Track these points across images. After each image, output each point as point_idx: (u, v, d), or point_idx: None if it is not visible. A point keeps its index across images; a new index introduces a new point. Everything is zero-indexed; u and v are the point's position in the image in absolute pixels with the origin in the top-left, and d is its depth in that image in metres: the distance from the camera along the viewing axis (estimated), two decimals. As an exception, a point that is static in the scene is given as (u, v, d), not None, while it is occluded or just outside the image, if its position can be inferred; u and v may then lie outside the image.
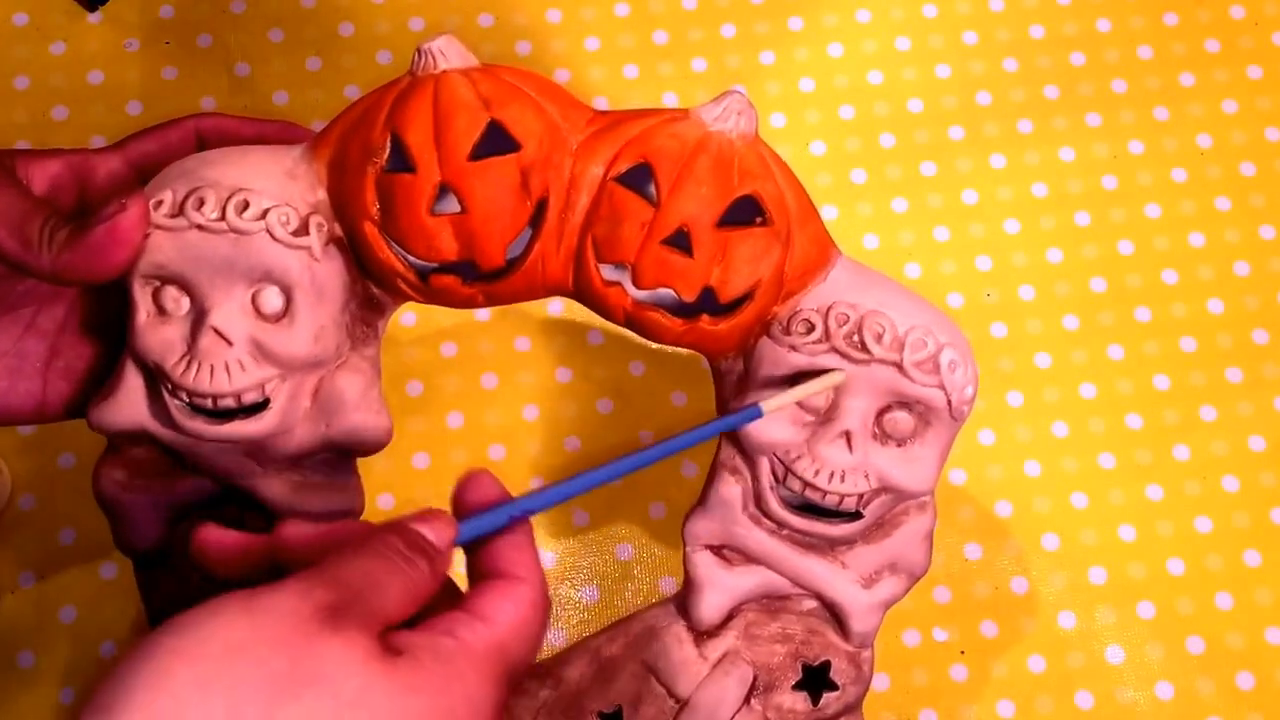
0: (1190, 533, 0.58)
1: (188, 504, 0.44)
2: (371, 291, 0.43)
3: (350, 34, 0.64)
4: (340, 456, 0.44)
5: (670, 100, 0.63)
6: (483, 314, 0.60)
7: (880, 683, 0.56)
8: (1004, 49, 0.65)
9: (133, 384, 0.43)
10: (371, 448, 0.44)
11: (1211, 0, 0.65)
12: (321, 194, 0.42)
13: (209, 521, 0.36)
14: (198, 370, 0.41)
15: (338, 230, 0.42)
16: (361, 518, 0.46)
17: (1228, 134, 0.63)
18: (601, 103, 0.63)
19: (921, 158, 0.63)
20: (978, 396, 0.59)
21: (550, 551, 0.57)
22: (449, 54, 0.41)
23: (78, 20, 0.64)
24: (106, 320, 0.44)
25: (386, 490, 0.58)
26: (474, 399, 0.59)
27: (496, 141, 0.40)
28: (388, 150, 0.40)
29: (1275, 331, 0.60)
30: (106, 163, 0.43)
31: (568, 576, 0.57)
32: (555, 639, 0.56)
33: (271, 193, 0.41)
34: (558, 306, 0.60)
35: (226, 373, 0.41)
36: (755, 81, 0.64)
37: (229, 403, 0.42)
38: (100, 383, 0.44)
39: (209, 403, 0.42)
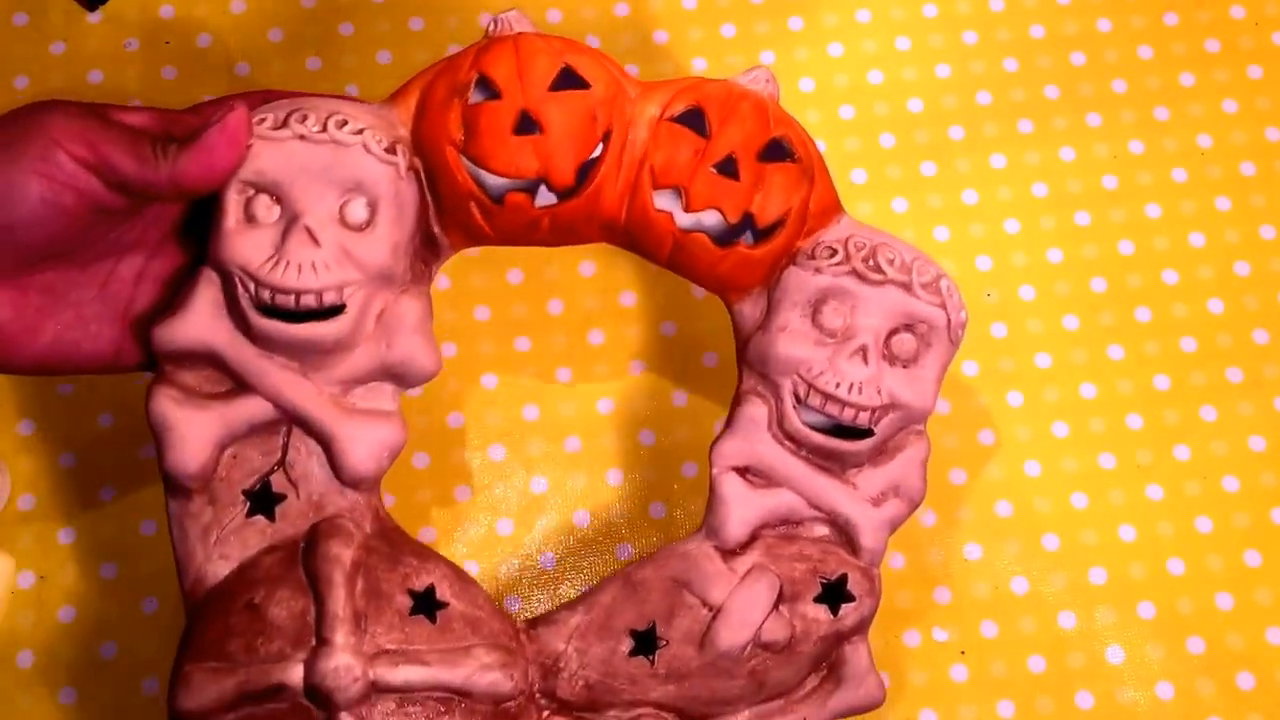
0: (1190, 533, 0.58)
1: (237, 432, 0.46)
2: (433, 232, 0.48)
3: (350, 34, 0.64)
4: (388, 385, 0.47)
5: (670, 100, 0.63)
6: (482, 314, 0.60)
7: (880, 683, 0.56)
8: (1004, 49, 0.65)
9: (203, 301, 0.46)
10: (419, 378, 0.47)
11: (1211, 0, 0.65)
12: (403, 132, 0.47)
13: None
14: (286, 267, 0.45)
15: (416, 163, 0.47)
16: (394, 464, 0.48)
17: (1228, 134, 0.63)
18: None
19: (921, 158, 0.63)
20: (977, 396, 0.60)
21: (550, 551, 0.57)
22: (517, 23, 0.48)
23: (78, 20, 0.64)
24: (182, 267, 0.48)
25: (387, 490, 0.58)
26: (474, 399, 0.59)
27: (570, 81, 0.47)
28: (473, 86, 0.46)
29: (1275, 331, 0.60)
30: (188, 119, 0.46)
31: (568, 576, 0.57)
32: (555, 639, 0.56)
33: (365, 119, 0.46)
34: (558, 306, 0.60)
35: (314, 270, 0.45)
36: (755, 81, 0.64)
37: (310, 300, 0.45)
38: None
39: (292, 300, 0.45)
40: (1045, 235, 0.62)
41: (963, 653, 0.56)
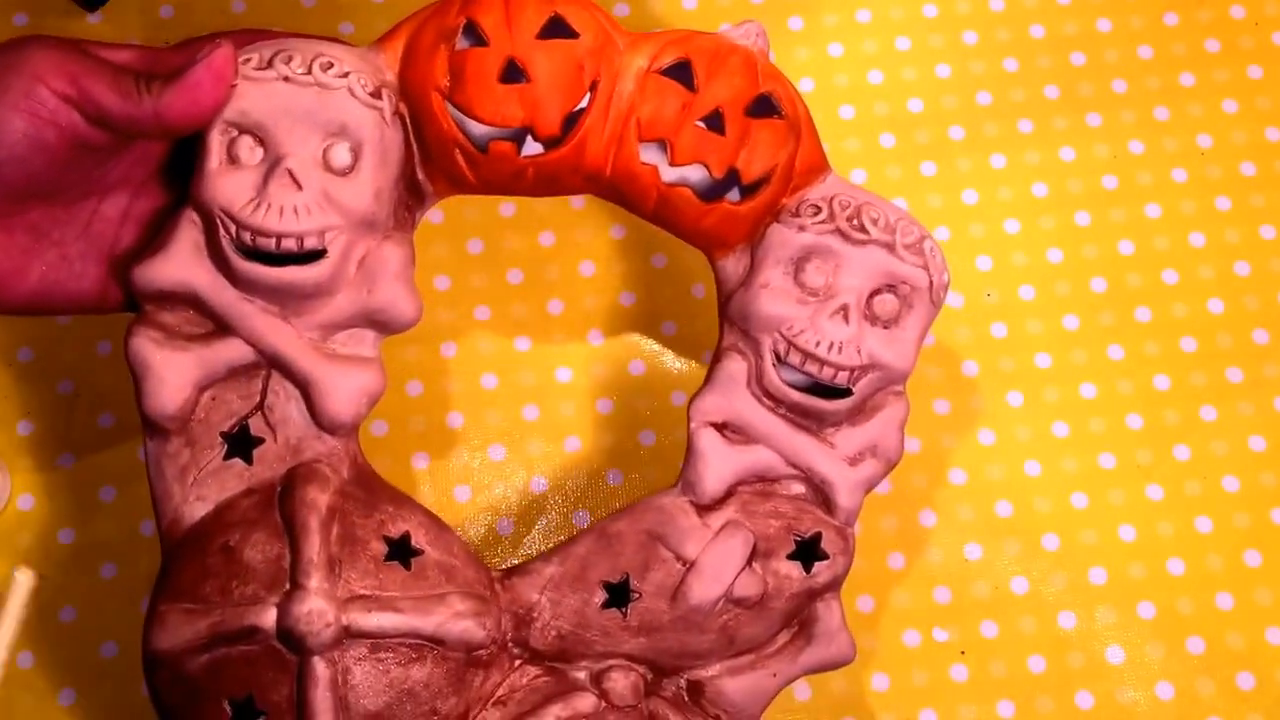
0: (1190, 533, 0.58)
1: (217, 374, 0.46)
2: (417, 178, 0.48)
3: (350, 34, 0.64)
4: (369, 332, 0.47)
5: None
6: (482, 314, 0.60)
7: (880, 683, 0.56)
8: (1004, 49, 0.65)
9: (184, 241, 0.46)
10: (400, 324, 0.47)
11: (1211, 0, 0.65)
12: (390, 76, 0.47)
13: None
14: (267, 210, 0.45)
15: (402, 108, 0.47)
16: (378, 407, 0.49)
17: (1228, 134, 0.63)
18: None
19: (921, 158, 0.63)
20: (977, 396, 0.60)
21: (550, 551, 0.57)
22: None
23: (78, 20, 0.64)
24: (165, 207, 0.47)
25: (386, 490, 0.58)
26: (474, 399, 0.59)
27: (558, 30, 0.46)
28: (461, 32, 0.46)
29: (1275, 331, 0.60)
30: (172, 57, 0.45)
31: (568, 576, 0.57)
32: (555, 639, 0.56)
33: (351, 62, 0.46)
34: (558, 306, 0.60)
35: (295, 214, 0.45)
36: (755, 81, 0.64)
37: (291, 244, 0.45)
38: None
39: (273, 243, 0.45)
40: (1045, 235, 0.62)
41: (963, 653, 0.56)
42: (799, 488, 0.48)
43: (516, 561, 0.57)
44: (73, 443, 0.58)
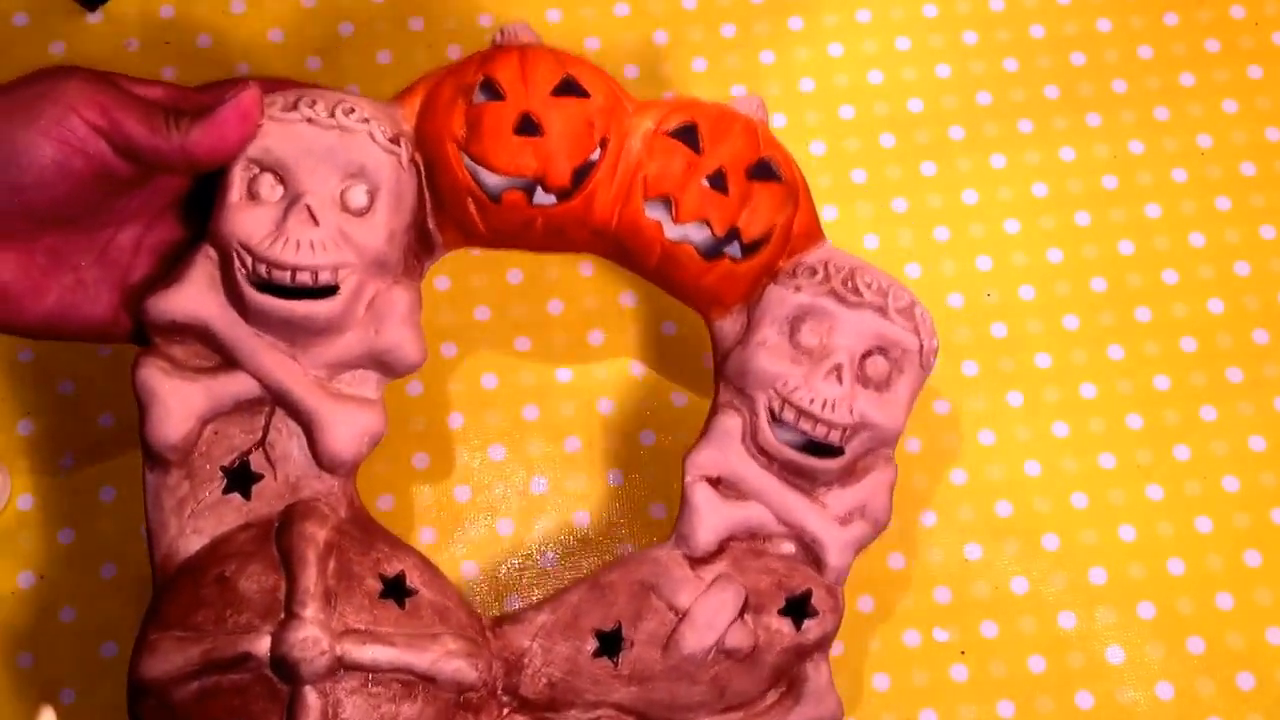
0: (1190, 533, 0.58)
1: (222, 407, 0.47)
2: (428, 227, 0.50)
3: (350, 34, 0.64)
4: (373, 374, 0.48)
5: (670, 100, 0.63)
6: (482, 314, 0.60)
7: (880, 683, 0.56)
8: (1004, 49, 0.65)
9: (199, 275, 0.47)
10: (404, 367, 0.48)
11: (1211, 0, 0.65)
12: (407, 127, 0.49)
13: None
14: (285, 243, 0.46)
15: (418, 157, 0.48)
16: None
17: (1228, 134, 0.63)
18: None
19: (921, 158, 0.63)
20: (977, 397, 0.60)
21: (550, 551, 0.57)
22: (523, 34, 0.50)
23: (78, 20, 0.64)
24: (178, 241, 0.49)
25: (387, 491, 0.58)
26: (474, 399, 0.59)
27: (571, 89, 0.48)
28: (478, 87, 0.48)
29: (1275, 331, 0.60)
30: (201, 96, 0.47)
31: (567, 576, 0.57)
32: (555, 639, 0.56)
33: (371, 110, 0.48)
34: (558, 306, 0.60)
35: (311, 249, 0.46)
36: (755, 81, 0.64)
37: (305, 278, 0.46)
38: None
39: (287, 276, 0.46)
40: (1045, 235, 0.62)
41: (963, 653, 0.56)
42: (789, 548, 0.49)
43: (516, 562, 0.57)
44: (73, 443, 0.58)
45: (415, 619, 0.45)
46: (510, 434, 0.59)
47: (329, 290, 0.46)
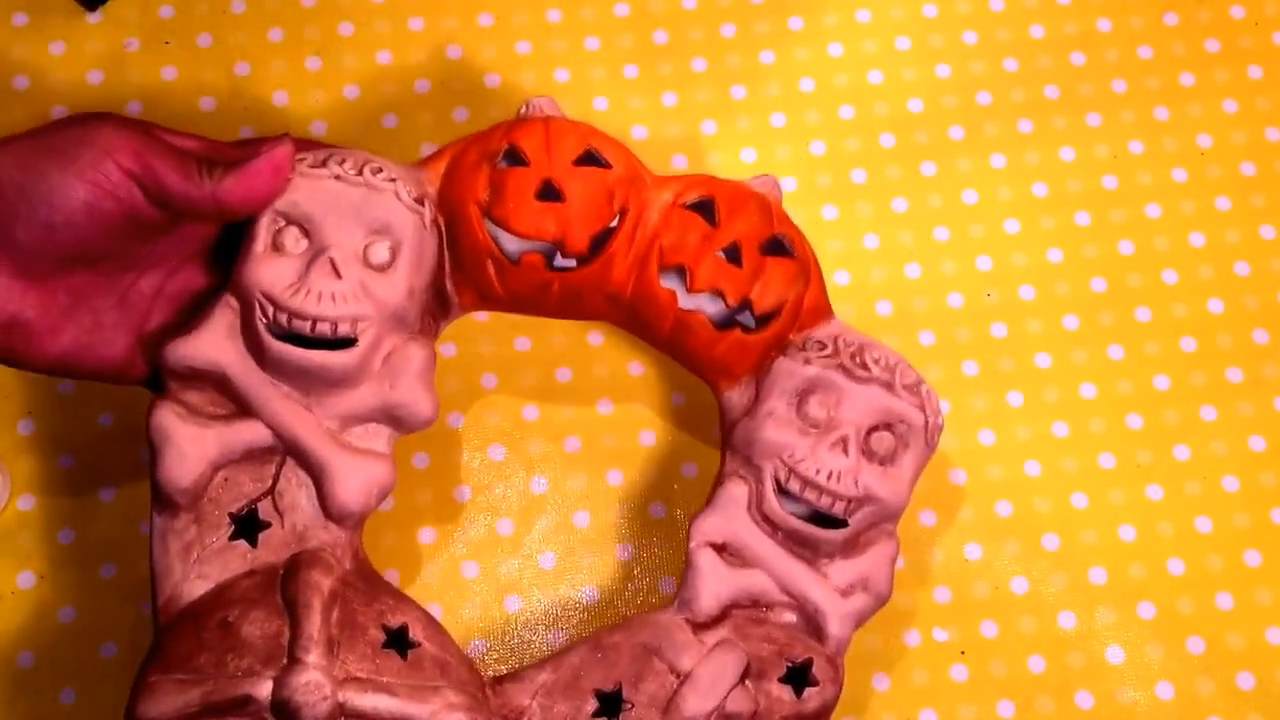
0: (1190, 533, 0.58)
1: (233, 454, 0.47)
2: (445, 289, 0.51)
3: (350, 34, 0.64)
4: (385, 429, 0.49)
5: (670, 100, 0.63)
6: (482, 315, 0.60)
7: (880, 683, 0.56)
8: (1004, 49, 0.65)
9: (219, 323, 0.47)
10: (416, 424, 0.49)
11: (1211, 0, 0.65)
12: (431, 190, 0.50)
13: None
14: (307, 294, 0.47)
15: (440, 219, 0.49)
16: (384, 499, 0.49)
17: (1228, 134, 0.63)
18: (601, 103, 0.63)
19: (921, 158, 0.63)
20: (977, 396, 0.60)
21: (550, 551, 0.57)
22: (548, 108, 0.51)
23: (78, 20, 0.64)
24: (197, 291, 0.49)
25: (386, 490, 0.58)
26: (474, 399, 0.59)
27: (593, 160, 0.50)
28: (503, 154, 0.49)
29: (1275, 331, 0.60)
30: (233, 150, 0.48)
31: (567, 576, 0.57)
32: (556, 639, 0.56)
33: (397, 170, 0.49)
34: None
35: (332, 300, 0.47)
36: (755, 81, 0.64)
37: (325, 329, 0.47)
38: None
39: (308, 326, 0.46)
40: (1045, 235, 0.62)
41: (963, 653, 0.56)
42: (791, 618, 0.49)
43: (517, 562, 0.57)
44: (73, 443, 0.58)
45: (417, 671, 0.45)
46: (510, 434, 0.59)
47: (347, 342, 0.47)
